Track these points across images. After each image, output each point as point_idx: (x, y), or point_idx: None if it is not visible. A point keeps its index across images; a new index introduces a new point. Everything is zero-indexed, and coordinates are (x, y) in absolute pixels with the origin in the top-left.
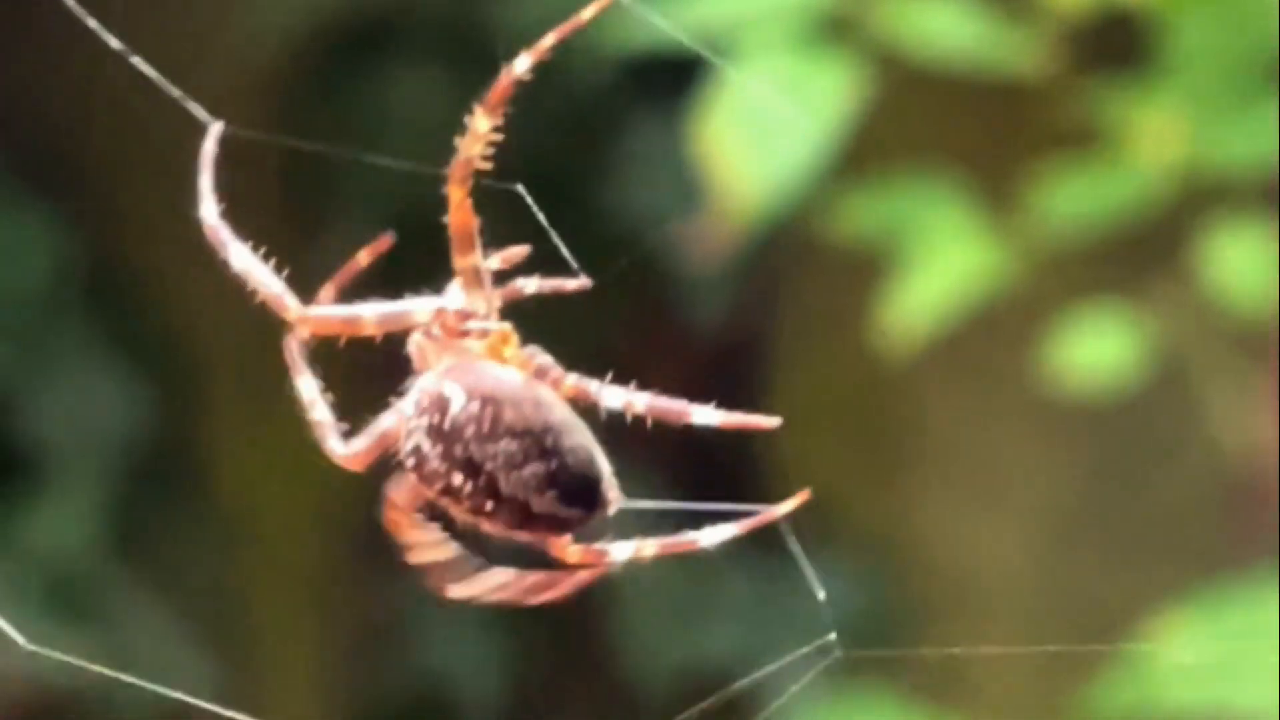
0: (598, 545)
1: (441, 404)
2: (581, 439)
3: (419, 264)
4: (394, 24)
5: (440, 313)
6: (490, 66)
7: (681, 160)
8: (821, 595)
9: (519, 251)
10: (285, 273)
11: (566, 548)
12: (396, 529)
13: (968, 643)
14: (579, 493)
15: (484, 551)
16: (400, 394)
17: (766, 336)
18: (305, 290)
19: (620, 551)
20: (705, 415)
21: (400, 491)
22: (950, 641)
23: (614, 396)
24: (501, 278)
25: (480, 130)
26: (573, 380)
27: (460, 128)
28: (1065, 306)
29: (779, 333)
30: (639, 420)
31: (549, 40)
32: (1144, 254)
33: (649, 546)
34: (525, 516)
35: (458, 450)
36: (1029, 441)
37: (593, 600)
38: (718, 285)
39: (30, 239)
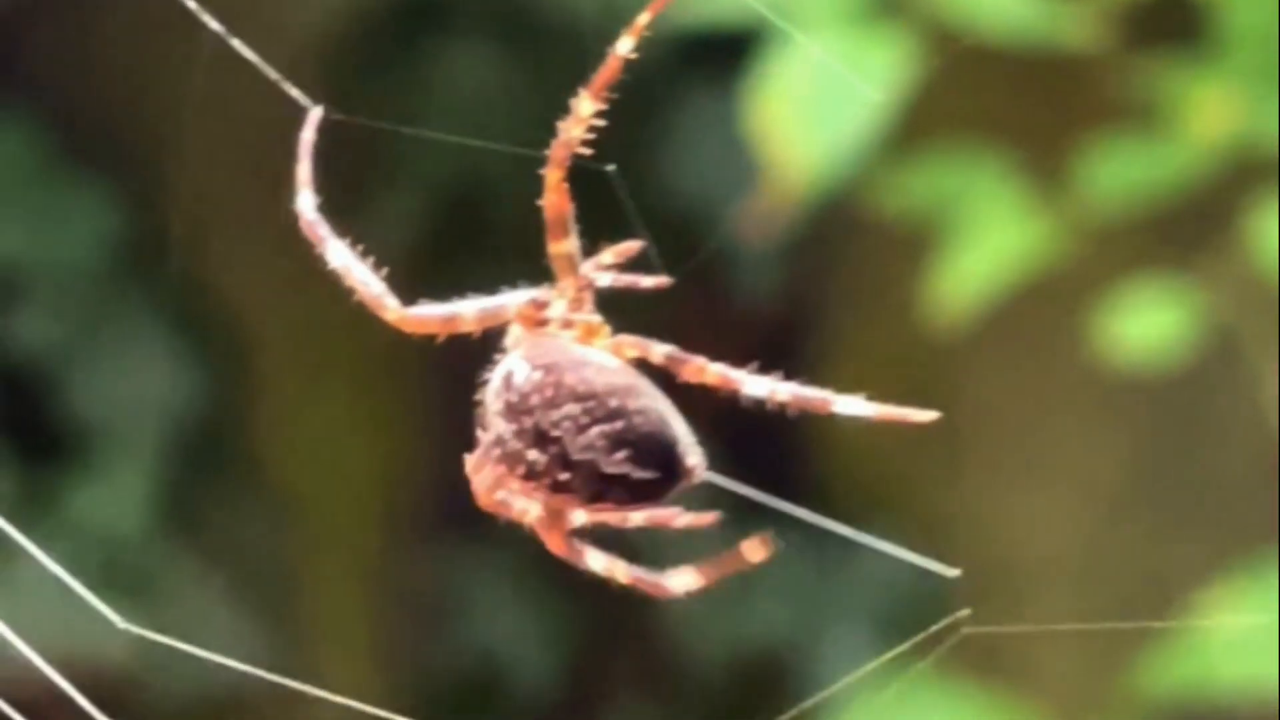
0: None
1: (508, 379)
2: (652, 402)
3: (470, 239)
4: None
5: (532, 304)
6: (540, 41)
7: (735, 137)
8: (956, 572)
9: (631, 247)
10: (384, 272)
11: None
12: (499, 508)
13: (1016, 618)
14: (651, 453)
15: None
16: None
17: (818, 311)
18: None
19: (756, 386)
20: (852, 406)
21: (488, 484)
22: (1000, 617)
23: (757, 385)
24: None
25: (584, 113)
26: (717, 369)
27: (512, 102)
28: (1115, 281)
29: (830, 307)
30: (674, 392)
31: (644, 18)
32: (1194, 228)
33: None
34: (600, 482)
35: (526, 422)
36: (1079, 416)
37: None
38: (770, 260)
39: (84, 215)
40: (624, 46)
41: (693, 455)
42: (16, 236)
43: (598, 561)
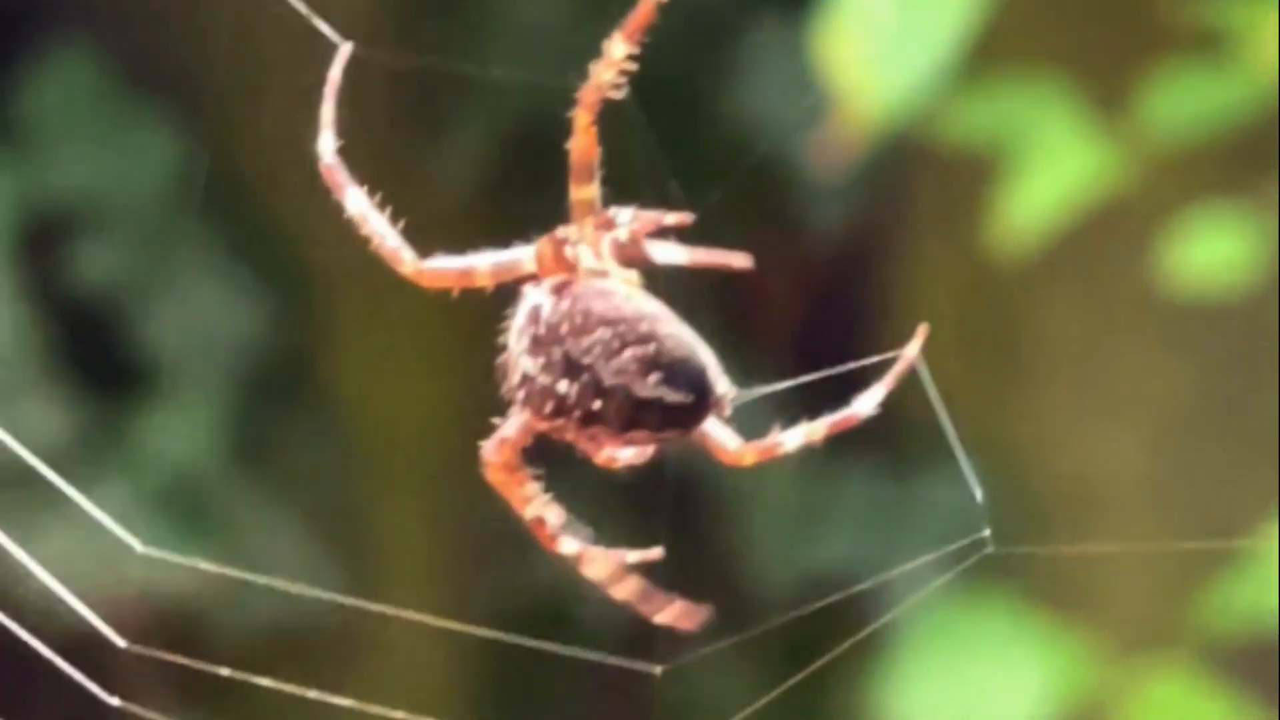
0: (767, 440)
1: (535, 315)
2: (679, 329)
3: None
4: None
5: (551, 242)
6: None
7: (804, 67)
8: (979, 495)
9: (681, 218)
10: (401, 224)
11: (736, 452)
12: (504, 488)
13: (1077, 543)
14: (684, 375)
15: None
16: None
17: (883, 242)
18: (416, 209)
19: (791, 439)
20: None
21: (510, 432)
22: (1061, 543)
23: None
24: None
25: (616, 56)
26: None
27: (573, 42)
28: (1180, 208)
29: (897, 237)
30: (746, 322)
31: None
32: (1259, 155)
33: (818, 429)
34: (635, 407)
35: (555, 353)
36: (1145, 343)
37: (710, 504)
38: (836, 192)
39: (152, 147)
40: None
41: (722, 382)
42: (84, 168)
43: (595, 571)
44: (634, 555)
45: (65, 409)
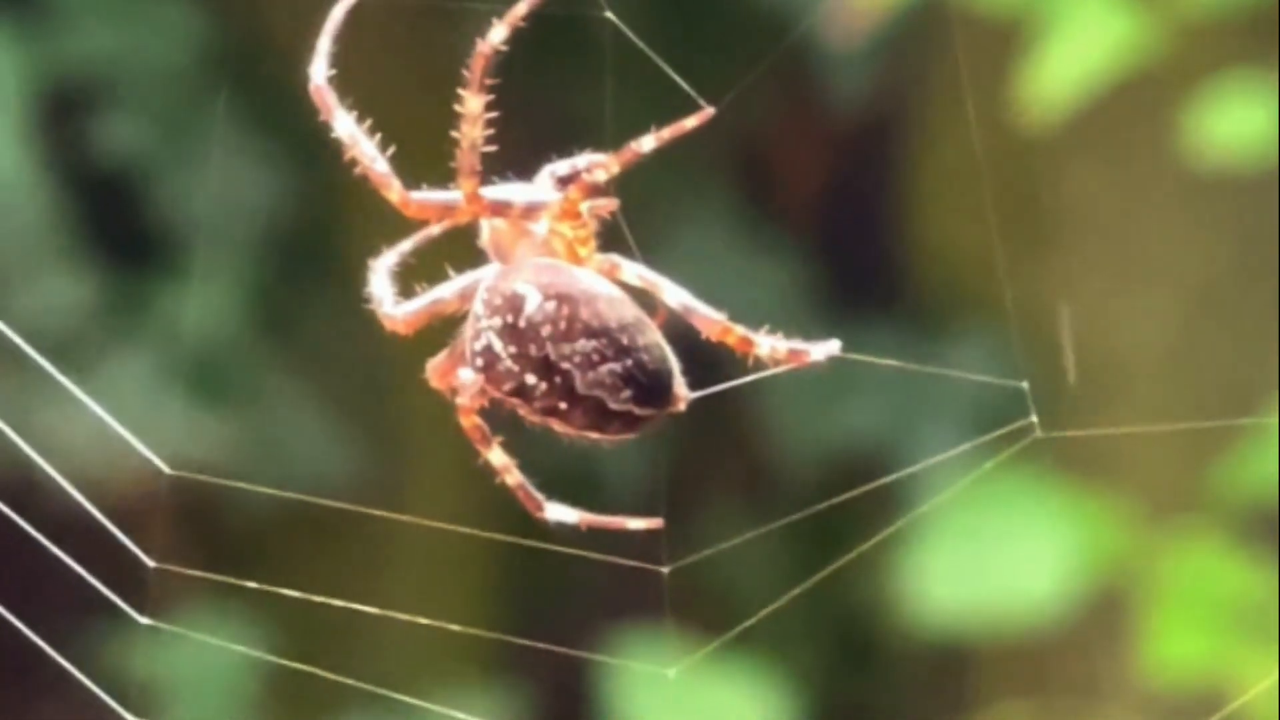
0: (797, 345)
1: (515, 304)
2: (655, 336)
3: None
4: None
5: (533, 207)
6: None
7: None
8: (1025, 384)
9: (608, 204)
10: (391, 151)
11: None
12: (478, 440)
13: (1110, 419)
14: (654, 390)
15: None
16: (457, 271)
17: (908, 112)
18: (435, 145)
19: (819, 351)
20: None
21: (466, 391)
22: (1094, 418)
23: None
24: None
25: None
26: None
27: None
28: (1207, 78)
29: (921, 107)
30: (788, 199)
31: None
32: None
33: (779, 349)
34: (601, 415)
35: (533, 350)
36: (1172, 214)
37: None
38: (859, 62)
39: (175, 18)
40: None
41: (681, 386)
42: (107, 40)
43: (498, 457)
44: (635, 523)
45: (88, 283)
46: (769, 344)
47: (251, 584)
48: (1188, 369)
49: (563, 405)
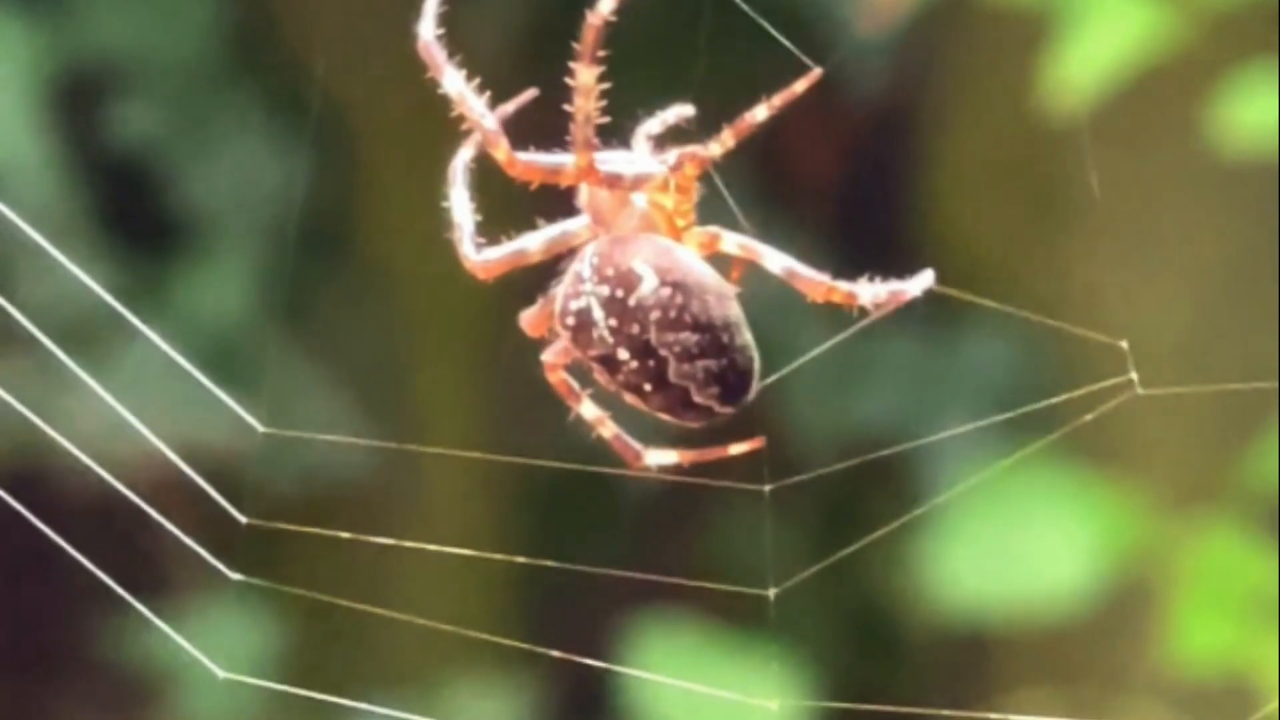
0: (894, 285)
1: (629, 281)
2: (749, 337)
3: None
4: None
5: (634, 178)
6: None
7: None
8: (1125, 343)
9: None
10: (499, 111)
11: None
12: (567, 394)
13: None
14: (738, 391)
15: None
16: (546, 220)
17: (929, 101)
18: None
19: (915, 285)
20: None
21: (551, 351)
22: (1104, 397)
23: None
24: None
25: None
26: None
27: None
28: (1230, 69)
29: (945, 96)
30: (795, 179)
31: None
32: None
33: (880, 292)
34: (682, 405)
35: (635, 330)
36: (1193, 202)
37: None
38: (880, 51)
39: (191, 6)
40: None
41: (755, 388)
42: (125, 26)
43: (589, 410)
44: (737, 448)
45: (106, 266)
46: (870, 292)
47: (345, 534)
48: (1210, 356)
49: (647, 387)
